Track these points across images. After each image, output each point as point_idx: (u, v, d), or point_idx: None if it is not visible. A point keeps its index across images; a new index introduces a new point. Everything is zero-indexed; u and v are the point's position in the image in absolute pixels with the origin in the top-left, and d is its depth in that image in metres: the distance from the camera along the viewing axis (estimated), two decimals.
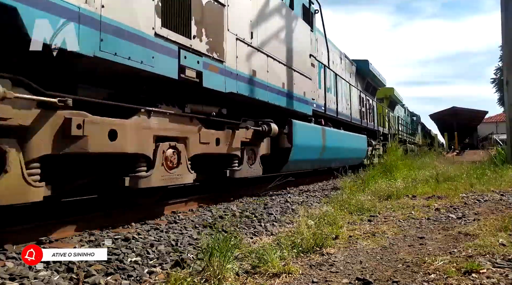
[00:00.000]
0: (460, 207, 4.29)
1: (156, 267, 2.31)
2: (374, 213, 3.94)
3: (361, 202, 4.30)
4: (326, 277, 2.09)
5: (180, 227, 3.44)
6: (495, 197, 4.92)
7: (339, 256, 2.47)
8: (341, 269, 2.22)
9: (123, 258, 2.42)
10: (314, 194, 6.14)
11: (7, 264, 2.27)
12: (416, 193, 5.30)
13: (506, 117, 10.88)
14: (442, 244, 2.70)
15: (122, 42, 3.02)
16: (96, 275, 2.10)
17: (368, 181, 6.08)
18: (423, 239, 2.87)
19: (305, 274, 2.15)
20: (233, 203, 5.01)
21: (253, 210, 4.37)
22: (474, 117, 39.81)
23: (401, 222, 3.54)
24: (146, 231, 3.24)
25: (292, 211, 4.38)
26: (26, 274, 2.08)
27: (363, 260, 2.38)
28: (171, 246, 2.79)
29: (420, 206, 4.36)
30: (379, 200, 4.78)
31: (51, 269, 2.20)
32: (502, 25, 10.33)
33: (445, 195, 5.10)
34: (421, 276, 2.05)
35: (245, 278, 2.02)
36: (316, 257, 2.46)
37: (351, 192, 4.99)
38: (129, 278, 2.12)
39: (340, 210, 3.98)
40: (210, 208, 4.54)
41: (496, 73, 37.35)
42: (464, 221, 3.52)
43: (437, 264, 2.19)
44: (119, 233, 3.08)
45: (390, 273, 2.12)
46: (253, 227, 3.52)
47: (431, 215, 3.85)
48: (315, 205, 4.84)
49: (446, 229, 3.19)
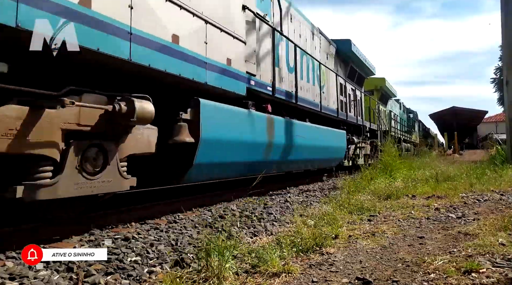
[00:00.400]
0: (460, 206, 4.29)
1: (156, 266, 2.31)
2: (373, 213, 3.94)
3: (361, 202, 4.30)
4: (326, 277, 2.09)
5: (180, 226, 3.44)
6: (494, 197, 4.92)
7: (339, 256, 2.47)
8: (341, 268, 2.22)
9: (123, 257, 2.42)
10: (314, 193, 6.15)
11: (7, 264, 2.27)
12: (415, 193, 5.30)
13: (506, 117, 10.89)
14: (441, 244, 2.70)
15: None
16: (96, 275, 2.10)
17: (368, 180, 6.09)
18: (422, 239, 2.87)
19: (305, 273, 2.15)
20: (233, 202, 5.01)
21: (253, 210, 4.38)
22: (474, 117, 39.85)
23: (400, 222, 3.55)
24: (146, 230, 3.24)
25: (292, 211, 4.38)
26: (26, 273, 2.08)
27: (362, 260, 2.38)
28: (171, 245, 2.79)
29: (420, 206, 4.36)
30: (378, 200, 4.78)
31: (51, 268, 2.20)
32: (502, 25, 10.34)
33: (445, 195, 5.10)
34: (420, 275, 2.05)
35: (244, 277, 2.02)
36: (316, 257, 2.46)
37: (351, 192, 4.99)
38: (129, 277, 2.12)
39: (339, 210, 3.98)
40: (210, 207, 4.55)
41: (496, 73, 37.37)
42: (464, 220, 3.52)
43: (436, 263, 2.19)
44: (119, 233, 3.08)
45: (389, 273, 2.12)
46: (253, 227, 3.53)
47: (431, 214, 3.85)
48: (315, 204, 4.84)
49: (445, 229, 3.20)
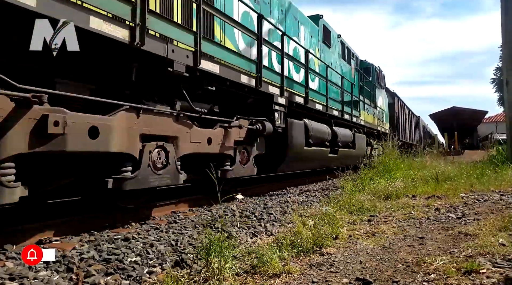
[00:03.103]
0: (460, 206, 4.29)
1: (156, 267, 2.31)
2: (374, 213, 3.94)
3: (361, 202, 4.30)
4: (326, 277, 2.09)
5: (180, 226, 3.44)
6: (495, 197, 4.92)
7: (339, 256, 2.46)
8: (341, 269, 2.22)
9: (123, 258, 2.42)
10: (314, 194, 6.14)
11: (7, 264, 2.27)
12: (416, 193, 5.29)
13: (506, 117, 10.88)
14: (442, 244, 2.70)
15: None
16: (96, 275, 2.10)
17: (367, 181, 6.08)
18: (423, 239, 2.87)
19: (305, 274, 2.14)
20: (233, 202, 5.01)
21: (253, 210, 4.38)
22: (474, 117, 39.82)
23: (401, 222, 3.54)
24: (146, 231, 3.24)
25: (292, 211, 4.38)
26: (26, 274, 2.07)
27: (363, 260, 2.38)
28: (171, 246, 2.79)
29: (420, 206, 4.36)
30: (378, 200, 4.78)
31: (51, 269, 2.20)
32: (502, 25, 10.32)
33: (445, 195, 5.10)
34: (421, 276, 2.05)
35: (244, 278, 2.02)
36: (316, 257, 2.45)
37: (351, 192, 4.98)
38: (129, 278, 2.12)
39: (340, 210, 3.98)
40: (210, 208, 4.54)
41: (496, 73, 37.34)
42: (464, 221, 3.51)
43: (437, 264, 2.19)
44: (119, 233, 3.08)
45: (390, 273, 2.12)
46: (253, 227, 3.52)
47: (431, 214, 3.85)
48: (315, 204, 4.84)
49: (446, 229, 3.19)
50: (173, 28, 3.72)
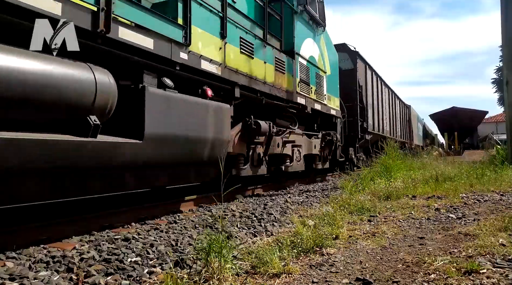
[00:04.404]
0: (460, 207, 4.29)
1: (156, 267, 2.31)
2: (374, 213, 3.94)
3: (361, 202, 4.30)
4: (326, 277, 2.09)
5: (180, 227, 3.44)
6: (495, 197, 4.92)
7: (339, 256, 2.46)
8: (341, 269, 2.22)
9: (123, 258, 2.42)
10: (314, 194, 6.14)
11: (7, 264, 2.26)
12: (416, 193, 5.29)
13: (506, 117, 10.87)
14: (442, 244, 2.70)
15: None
16: (96, 275, 2.10)
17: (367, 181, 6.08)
18: (423, 239, 2.87)
19: (305, 274, 2.15)
20: (233, 203, 5.01)
21: (253, 210, 4.37)
22: (474, 117, 39.77)
23: (401, 222, 3.54)
24: (146, 231, 3.24)
25: (292, 211, 4.38)
26: (26, 274, 2.07)
27: (363, 260, 2.38)
28: (171, 246, 2.79)
29: (420, 206, 4.35)
30: (378, 200, 4.78)
31: (51, 269, 2.20)
32: (502, 25, 10.32)
33: (445, 195, 5.10)
34: (421, 276, 2.05)
35: (244, 278, 2.02)
36: (316, 257, 2.45)
37: (351, 192, 4.98)
38: (129, 278, 2.12)
39: (340, 210, 3.97)
40: (210, 208, 4.54)
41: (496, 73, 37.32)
42: (464, 221, 3.51)
43: (437, 264, 2.19)
44: (119, 233, 3.08)
45: (390, 273, 2.12)
46: (253, 227, 3.52)
47: (431, 215, 3.85)
48: (315, 205, 4.84)
49: (446, 229, 3.19)
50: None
